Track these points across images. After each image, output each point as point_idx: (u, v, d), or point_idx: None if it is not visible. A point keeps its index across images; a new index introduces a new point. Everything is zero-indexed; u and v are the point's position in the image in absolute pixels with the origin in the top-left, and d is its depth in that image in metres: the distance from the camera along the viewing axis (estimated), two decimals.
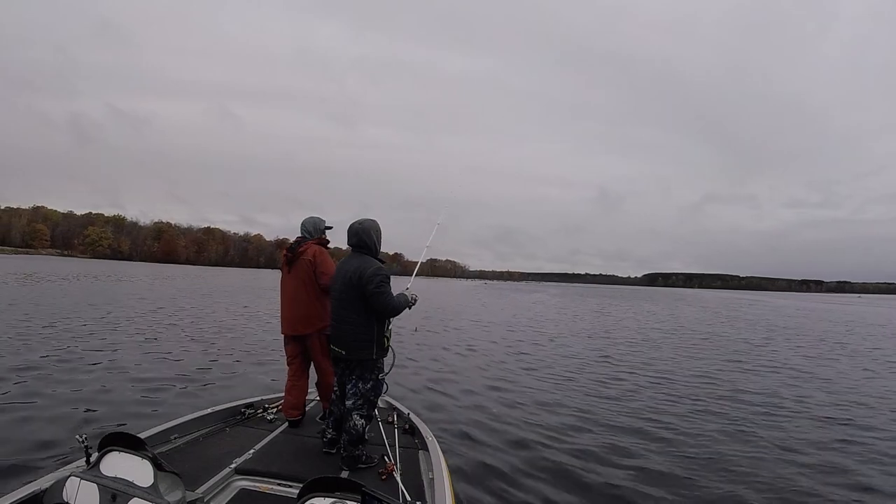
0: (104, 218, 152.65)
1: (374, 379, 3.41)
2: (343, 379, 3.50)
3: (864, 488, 4.79)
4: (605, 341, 15.64)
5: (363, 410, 3.36)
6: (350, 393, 3.39)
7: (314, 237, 4.19)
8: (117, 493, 2.23)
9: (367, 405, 3.40)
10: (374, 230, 3.49)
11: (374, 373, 3.41)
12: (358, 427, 3.31)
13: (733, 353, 13.98)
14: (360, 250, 3.46)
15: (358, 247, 3.47)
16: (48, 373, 7.28)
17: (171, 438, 3.44)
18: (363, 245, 3.45)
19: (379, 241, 3.52)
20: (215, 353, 10.00)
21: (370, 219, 3.56)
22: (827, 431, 6.59)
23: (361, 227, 3.46)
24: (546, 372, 10.11)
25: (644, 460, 5.35)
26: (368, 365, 3.37)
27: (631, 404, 7.66)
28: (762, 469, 5.16)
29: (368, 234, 3.46)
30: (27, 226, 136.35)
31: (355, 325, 3.33)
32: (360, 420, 3.33)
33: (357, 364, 3.37)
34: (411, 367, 9.54)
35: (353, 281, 3.31)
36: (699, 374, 10.34)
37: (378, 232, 3.52)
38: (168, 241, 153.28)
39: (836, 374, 11.08)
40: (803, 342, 17.54)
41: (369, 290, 3.27)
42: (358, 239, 3.45)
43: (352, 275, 3.32)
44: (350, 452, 3.30)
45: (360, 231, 3.45)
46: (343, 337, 3.37)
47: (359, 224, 3.48)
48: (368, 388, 3.38)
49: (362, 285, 3.27)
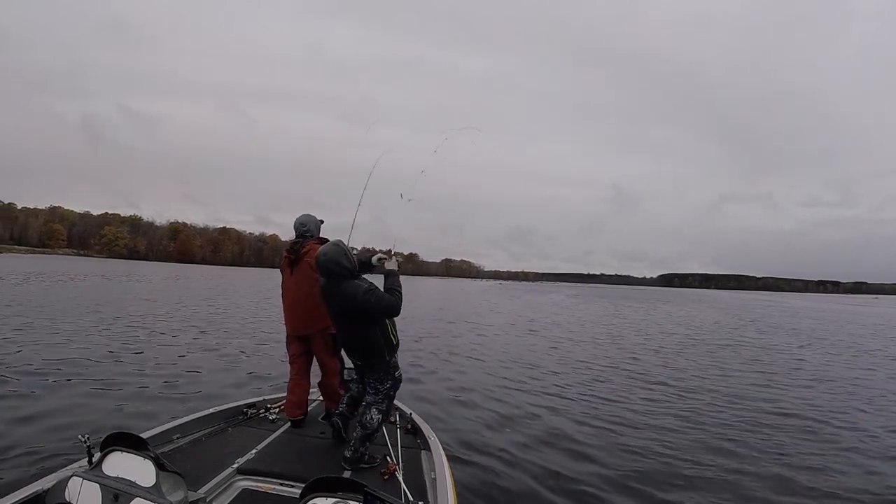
0: (120, 218, 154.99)
1: (393, 377, 3.55)
2: (363, 377, 3.62)
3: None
4: (620, 348, 15.22)
5: (382, 405, 3.49)
6: (370, 391, 3.52)
7: (315, 236, 4.15)
8: (119, 493, 2.24)
9: (387, 400, 3.53)
10: (340, 255, 3.39)
11: (391, 371, 3.54)
12: (374, 421, 3.41)
13: (768, 366, 12.35)
14: (335, 279, 3.41)
15: (329, 276, 3.41)
16: (50, 373, 7.33)
17: (173, 438, 3.45)
18: (334, 274, 3.39)
19: (350, 261, 3.41)
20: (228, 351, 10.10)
21: (332, 244, 3.47)
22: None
23: (326, 259, 3.38)
24: (549, 373, 10.10)
25: (646, 465, 5.30)
26: (383, 366, 3.50)
27: (637, 407, 7.61)
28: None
29: (336, 263, 3.37)
30: (44, 226, 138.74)
31: (365, 340, 3.43)
32: (377, 415, 3.44)
33: (373, 369, 3.50)
34: (415, 371, 9.57)
35: (346, 309, 3.39)
36: (727, 388, 9.33)
37: (346, 254, 3.42)
38: (184, 241, 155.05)
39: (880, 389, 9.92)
40: (834, 348, 16.56)
41: (374, 313, 3.33)
42: (328, 270, 3.39)
43: (344, 305, 3.38)
44: (357, 448, 3.34)
45: (327, 262, 3.37)
46: (356, 351, 3.54)
47: (324, 256, 3.39)
48: (388, 385, 3.52)
49: (362, 312, 3.32)
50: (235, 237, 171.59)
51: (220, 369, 8.56)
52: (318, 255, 3.43)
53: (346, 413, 3.67)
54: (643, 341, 16.57)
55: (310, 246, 4.01)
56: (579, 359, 12.16)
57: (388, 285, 3.45)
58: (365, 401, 3.52)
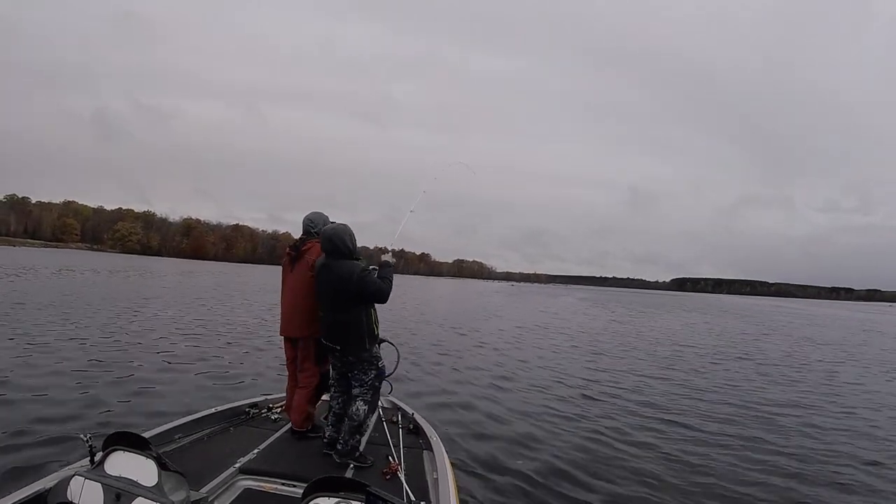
0: (134, 214, 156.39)
1: (376, 367, 3.56)
2: (344, 370, 3.62)
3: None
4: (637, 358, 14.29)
5: (367, 396, 3.51)
6: (356, 384, 3.54)
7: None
8: (121, 493, 2.25)
9: (372, 391, 3.55)
10: (346, 234, 3.51)
11: (374, 362, 3.55)
12: (360, 412, 3.44)
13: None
14: (335, 256, 3.48)
15: (331, 252, 3.49)
16: (51, 373, 7.35)
17: (176, 438, 3.46)
18: (336, 251, 3.48)
19: (354, 244, 3.53)
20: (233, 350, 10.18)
21: (340, 223, 3.61)
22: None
23: (334, 233, 3.49)
24: (552, 375, 10.08)
25: (645, 466, 5.29)
26: (366, 356, 3.52)
27: (644, 411, 7.56)
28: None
29: (341, 239, 3.48)
30: (57, 220, 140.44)
31: (347, 325, 3.46)
32: (363, 406, 3.47)
33: (356, 359, 3.51)
34: (416, 369, 9.60)
35: (340, 286, 3.42)
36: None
37: (350, 235, 3.53)
38: (197, 237, 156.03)
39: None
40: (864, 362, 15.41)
41: (367, 292, 3.42)
42: (331, 245, 3.48)
43: (338, 281, 3.42)
44: (346, 441, 3.36)
45: (333, 237, 3.48)
46: (336, 334, 3.51)
47: (332, 230, 3.52)
48: (372, 376, 3.54)
49: (355, 290, 3.39)
50: (248, 234, 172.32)
51: (220, 370, 8.58)
52: (326, 228, 3.55)
53: (334, 435, 3.55)
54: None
55: (311, 244, 3.90)
56: (587, 366, 12.09)
57: (382, 275, 3.54)
58: (352, 393, 3.55)
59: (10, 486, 2.82)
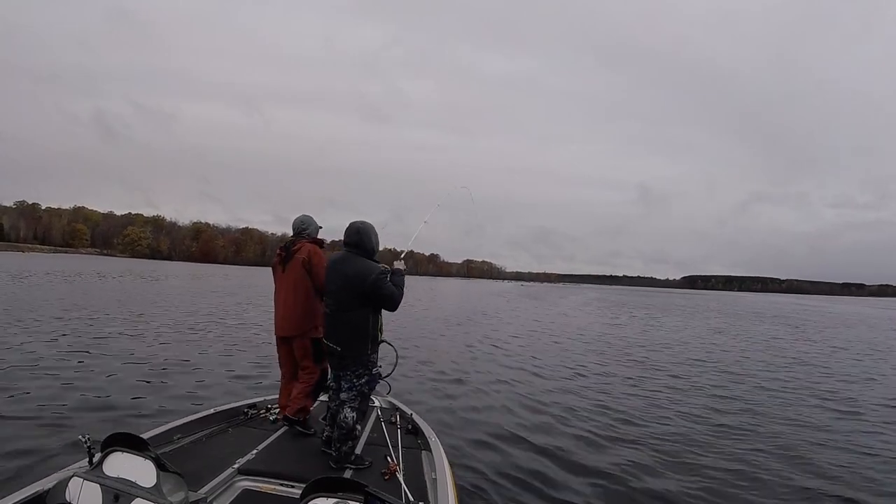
0: (143, 218, 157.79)
1: (369, 373, 3.47)
2: (338, 372, 3.55)
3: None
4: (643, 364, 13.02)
5: (355, 403, 3.43)
6: (345, 387, 3.46)
7: (312, 235, 4.13)
8: (120, 494, 2.26)
9: (361, 398, 3.47)
10: (374, 232, 3.50)
11: (368, 367, 3.47)
12: (349, 420, 3.36)
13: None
14: (357, 251, 3.45)
15: (355, 246, 3.46)
16: (53, 372, 7.44)
17: (174, 439, 3.47)
18: (361, 245, 3.45)
19: (377, 245, 3.51)
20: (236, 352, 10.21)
21: (367, 222, 3.55)
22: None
23: (364, 227, 3.47)
24: (552, 376, 10.07)
25: (640, 456, 5.32)
26: (363, 360, 3.44)
27: (652, 414, 7.51)
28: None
29: (369, 236, 3.47)
30: (67, 226, 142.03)
31: (353, 324, 3.38)
32: (351, 413, 3.38)
33: (352, 360, 3.42)
34: (416, 369, 9.60)
35: (354, 283, 3.34)
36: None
37: (377, 235, 3.52)
38: (206, 241, 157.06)
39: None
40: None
41: (379, 294, 3.34)
42: (358, 238, 3.45)
43: (353, 278, 3.35)
44: (339, 448, 3.34)
45: (362, 231, 3.46)
46: (338, 334, 3.43)
47: (361, 223, 3.49)
48: (363, 381, 3.45)
49: (369, 291, 3.32)
50: (258, 238, 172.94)
51: (220, 369, 8.62)
52: (355, 222, 3.49)
53: (332, 434, 3.54)
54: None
55: (301, 244, 3.97)
56: (597, 373, 11.90)
57: (393, 282, 3.46)
58: (340, 398, 3.48)
59: (10, 487, 2.86)
